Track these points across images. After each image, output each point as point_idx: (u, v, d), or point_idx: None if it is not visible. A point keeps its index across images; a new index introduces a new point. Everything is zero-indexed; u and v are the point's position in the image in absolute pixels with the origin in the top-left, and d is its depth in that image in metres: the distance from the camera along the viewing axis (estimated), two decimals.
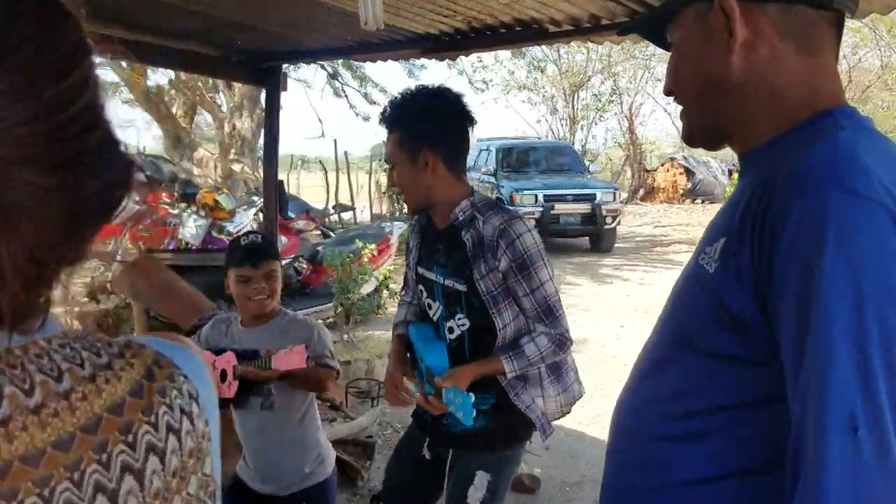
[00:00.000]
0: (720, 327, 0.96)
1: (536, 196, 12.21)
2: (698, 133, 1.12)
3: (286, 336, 2.30)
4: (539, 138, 18.04)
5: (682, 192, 22.67)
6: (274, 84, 4.24)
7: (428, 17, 2.95)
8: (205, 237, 6.68)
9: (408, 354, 2.35)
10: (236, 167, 9.36)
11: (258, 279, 2.27)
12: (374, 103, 15.52)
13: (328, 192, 14.64)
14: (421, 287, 2.24)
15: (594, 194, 12.36)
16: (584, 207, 12.23)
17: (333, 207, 8.29)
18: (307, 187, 20.26)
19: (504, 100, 31.72)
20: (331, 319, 5.69)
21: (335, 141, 14.97)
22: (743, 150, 1.07)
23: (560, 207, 12.17)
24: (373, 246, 5.73)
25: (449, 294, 2.11)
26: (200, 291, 3.49)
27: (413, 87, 2.10)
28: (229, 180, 9.23)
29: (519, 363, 2.02)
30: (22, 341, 0.54)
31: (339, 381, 4.88)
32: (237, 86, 9.75)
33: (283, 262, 6.26)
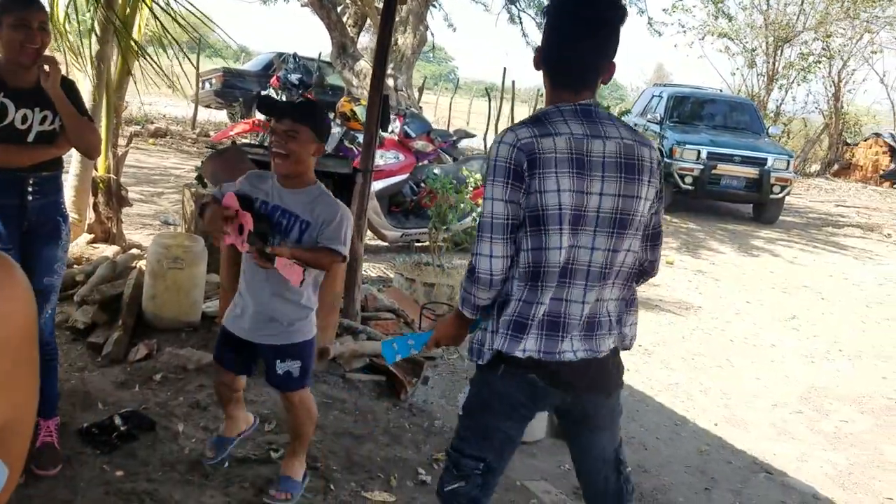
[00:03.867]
0: None
1: (699, 152, 11.45)
2: None
3: (314, 208, 2.56)
4: (720, 91, 16.70)
5: (882, 172, 20.33)
6: None
7: None
8: (338, 145, 6.92)
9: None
10: (390, 82, 9.52)
11: (279, 132, 2.48)
12: None
13: (489, 121, 14.58)
14: None
15: (765, 159, 11.39)
16: (750, 172, 11.32)
17: (454, 132, 8.25)
18: (476, 114, 20.30)
19: (699, 46, 29.51)
20: (425, 242, 5.78)
21: (504, 69, 14.77)
22: None
23: (723, 168, 11.35)
24: (478, 175, 5.67)
25: None
26: None
27: None
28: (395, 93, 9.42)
29: (464, 305, 2.04)
30: None
31: (417, 301, 4.97)
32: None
33: (397, 179, 6.39)
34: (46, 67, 2.52)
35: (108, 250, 4.89)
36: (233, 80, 14.77)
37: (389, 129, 6.58)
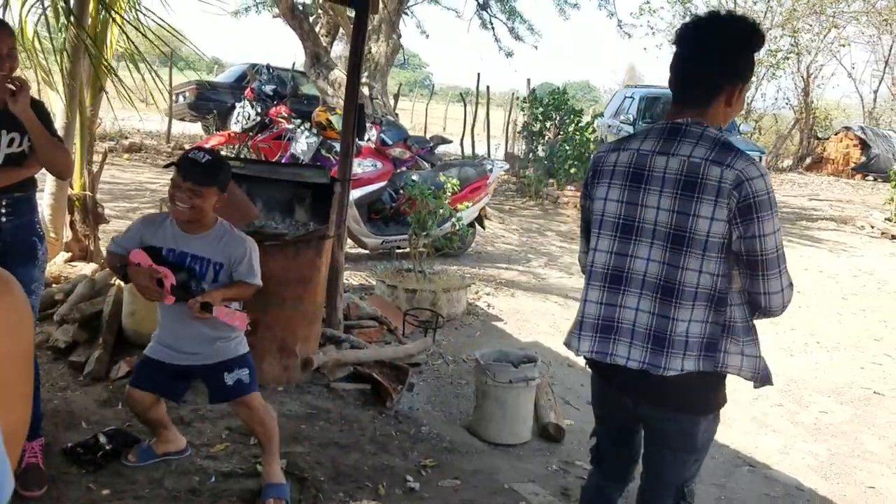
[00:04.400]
0: None
1: None
2: None
3: (223, 248, 2.69)
4: None
5: (853, 165, 20.67)
6: (363, 4, 4.25)
7: None
8: (315, 154, 6.92)
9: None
10: (365, 91, 9.54)
11: (184, 189, 2.55)
12: (520, 39, 15.21)
13: (465, 125, 14.63)
14: None
15: None
16: None
17: (431, 138, 8.29)
18: (452, 119, 20.36)
19: (669, 47, 29.71)
20: (406, 249, 5.79)
21: (478, 74, 14.83)
22: None
23: None
24: (455, 181, 5.71)
25: None
26: (250, 201, 3.65)
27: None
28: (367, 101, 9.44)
29: None
30: None
31: (400, 308, 4.98)
32: (379, 8, 9.83)
33: (375, 187, 6.40)
34: (14, 89, 2.51)
35: (87, 268, 4.85)
36: (206, 93, 14.69)
37: (366, 138, 6.59)
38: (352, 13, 10.91)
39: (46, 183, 4.91)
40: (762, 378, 2.03)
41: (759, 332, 2.10)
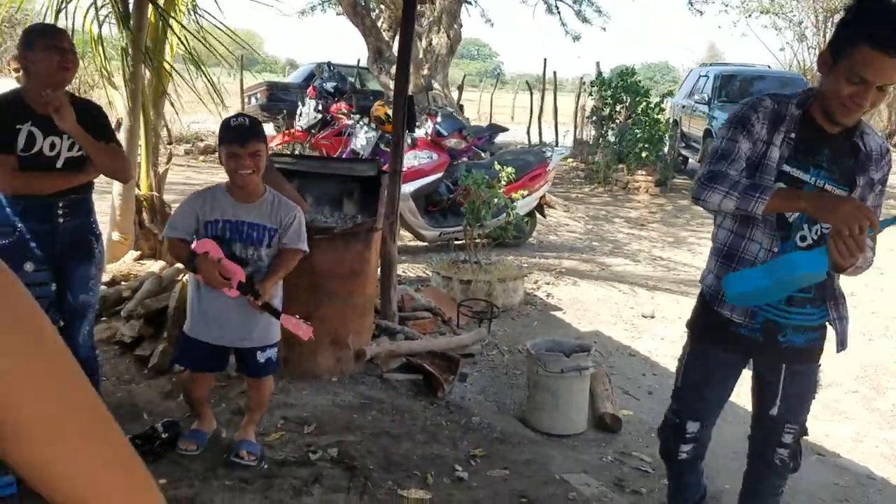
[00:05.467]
0: None
1: None
2: None
3: (276, 213, 2.79)
4: (769, 67, 16.20)
5: None
6: None
7: None
8: (374, 148, 6.99)
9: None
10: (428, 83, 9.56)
11: (244, 156, 2.61)
12: (587, 21, 14.92)
13: (531, 114, 14.49)
14: (782, 186, 2.12)
15: None
16: None
17: (487, 127, 8.22)
18: (520, 108, 20.18)
19: (746, 24, 28.69)
20: (461, 241, 5.78)
21: (544, 60, 14.61)
22: None
23: None
24: (510, 169, 5.64)
25: None
26: (299, 195, 3.71)
27: None
28: (425, 94, 9.47)
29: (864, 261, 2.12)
30: None
31: (455, 299, 4.98)
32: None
33: (432, 178, 6.40)
34: (56, 107, 2.60)
35: (155, 266, 5.04)
36: (277, 93, 15.05)
37: (424, 130, 6.61)
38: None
39: (114, 184, 5.13)
40: None
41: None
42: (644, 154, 11.23)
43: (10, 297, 0.60)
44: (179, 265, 5.07)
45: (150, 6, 4.67)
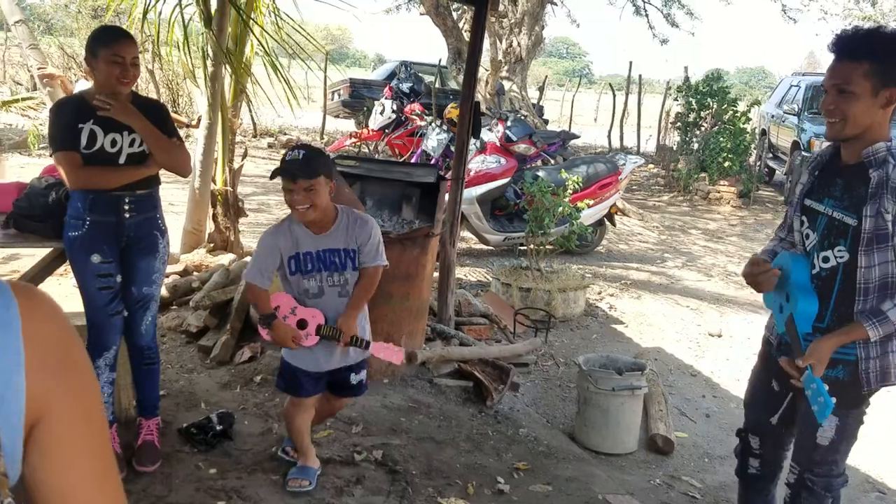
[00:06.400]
0: None
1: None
2: None
3: (352, 233, 2.73)
4: None
5: None
6: (482, 1, 4.24)
7: None
8: (444, 151, 7.02)
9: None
10: (506, 84, 9.53)
11: (298, 191, 2.55)
12: (675, 25, 14.53)
13: (612, 117, 14.24)
14: (803, 217, 2.31)
15: None
16: None
17: (558, 133, 8.11)
18: (604, 110, 19.84)
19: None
20: (523, 247, 5.72)
21: (630, 63, 14.32)
22: None
23: None
24: (577, 178, 5.55)
25: (834, 226, 2.19)
26: (357, 198, 3.76)
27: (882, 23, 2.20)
28: (496, 98, 9.47)
29: (884, 329, 2.08)
30: None
31: (513, 306, 4.96)
32: (522, 1, 9.79)
33: (499, 183, 6.38)
34: (108, 108, 2.73)
35: (225, 258, 5.22)
36: (360, 90, 15.29)
37: (494, 134, 6.60)
38: (493, 11, 10.93)
39: (191, 179, 5.35)
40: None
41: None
42: (727, 164, 10.88)
43: (75, 343, 0.73)
44: (247, 258, 5.25)
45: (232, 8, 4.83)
